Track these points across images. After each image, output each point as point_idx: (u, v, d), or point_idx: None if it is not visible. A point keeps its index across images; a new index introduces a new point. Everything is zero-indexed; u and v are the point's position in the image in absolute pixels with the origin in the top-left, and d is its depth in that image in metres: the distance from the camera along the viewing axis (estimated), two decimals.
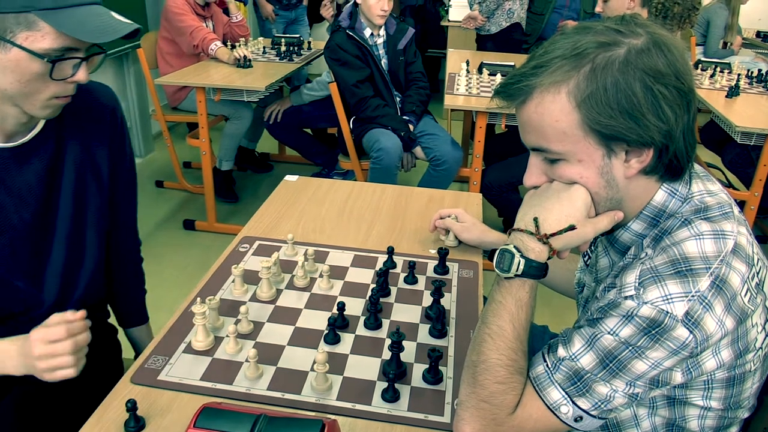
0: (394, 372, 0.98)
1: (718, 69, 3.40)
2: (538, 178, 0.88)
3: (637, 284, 0.79)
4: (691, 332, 0.76)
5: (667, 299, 0.77)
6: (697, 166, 0.90)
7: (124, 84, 4.04)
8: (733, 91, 3.01)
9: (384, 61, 3.05)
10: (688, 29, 3.42)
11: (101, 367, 1.25)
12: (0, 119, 1.03)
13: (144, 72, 3.38)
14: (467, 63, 3.16)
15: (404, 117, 2.98)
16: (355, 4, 2.96)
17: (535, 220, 0.85)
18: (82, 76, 1.01)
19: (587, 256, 1.05)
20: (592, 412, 0.82)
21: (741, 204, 2.95)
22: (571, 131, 0.80)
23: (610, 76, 0.77)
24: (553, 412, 0.83)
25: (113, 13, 1.02)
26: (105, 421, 0.91)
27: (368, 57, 2.94)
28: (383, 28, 3.03)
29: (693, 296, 0.76)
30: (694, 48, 4.67)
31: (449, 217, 1.41)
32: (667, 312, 0.76)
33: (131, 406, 0.88)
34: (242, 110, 3.32)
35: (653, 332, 0.77)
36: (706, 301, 0.76)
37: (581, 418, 0.83)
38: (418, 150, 2.94)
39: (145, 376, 1.00)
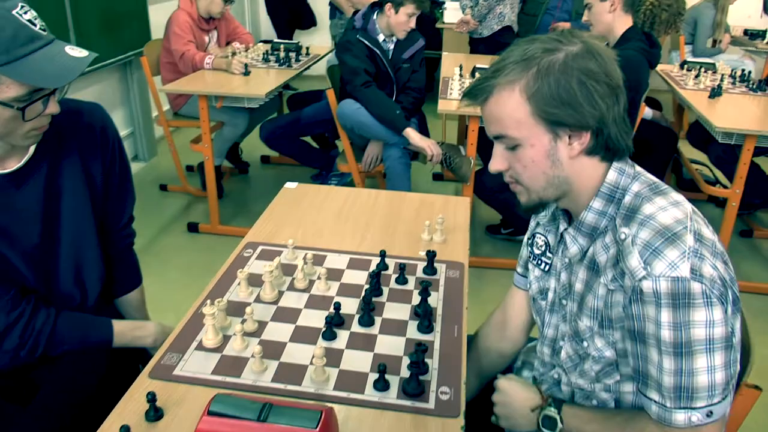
0: (414, 392, 1.05)
1: (703, 69, 3.48)
2: (501, 164, 1.03)
3: (643, 264, 0.92)
4: (701, 283, 0.88)
5: (673, 266, 0.89)
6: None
7: (127, 89, 4.14)
8: (715, 92, 3.09)
9: (391, 66, 3.12)
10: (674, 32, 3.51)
11: (120, 366, 1.36)
12: None
13: (147, 78, 3.49)
14: (460, 67, 3.24)
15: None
16: (372, 8, 3.04)
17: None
18: (52, 108, 1.11)
19: (543, 264, 1.17)
20: (714, 401, 0.90)
21: (724, 202, 3.01)
22: (524, 119, 0.96)
23: (552, 75, 0.93)
24: (692, 430, 0.92)
25: (68, 48, 1.09)
26: (127, 412, 1.02)
27: (377, 59, 3.04)
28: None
29: (689, 253, 0.90)
30: (683, 47, 4.74)
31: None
32: (677, 278, 0.89)
33: (151, 397, 0.99)
34: (239, 117, 3.44)
35: (680, 302, 0.88)
36: (698, 253, 0.90)
37: (711, 413, 0.91)
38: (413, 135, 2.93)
39: (161, 371, 1.11)
